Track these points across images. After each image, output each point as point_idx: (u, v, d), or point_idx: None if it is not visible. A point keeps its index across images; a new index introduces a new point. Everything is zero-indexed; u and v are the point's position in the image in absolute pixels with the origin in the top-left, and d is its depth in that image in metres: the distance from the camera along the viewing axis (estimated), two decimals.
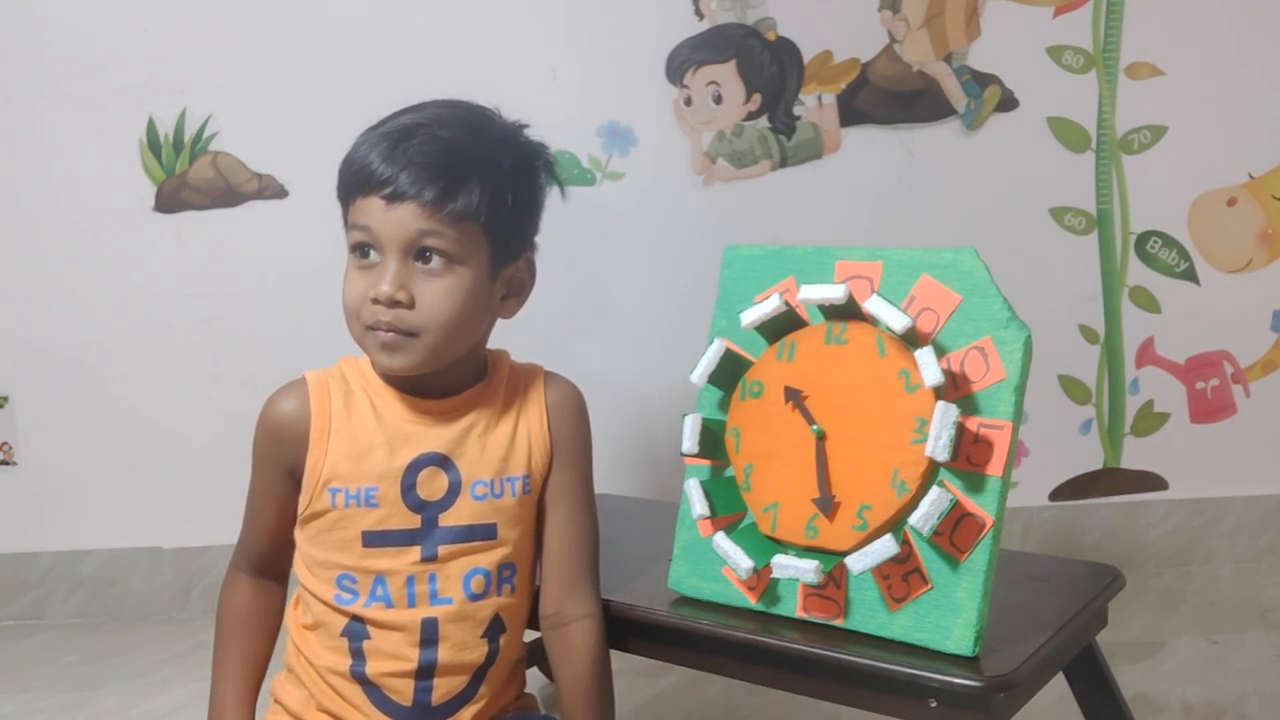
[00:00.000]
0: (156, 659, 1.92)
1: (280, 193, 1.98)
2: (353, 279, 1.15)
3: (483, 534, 1.17)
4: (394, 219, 1.11)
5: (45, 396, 2.05)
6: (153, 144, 1.97)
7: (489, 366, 1.23)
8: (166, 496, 2.06)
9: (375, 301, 1.11)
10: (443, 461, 1.16)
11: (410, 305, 1.11)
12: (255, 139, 1.98)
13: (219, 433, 2.02)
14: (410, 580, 1.15)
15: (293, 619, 1.22)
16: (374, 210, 1.11)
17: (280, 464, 1.18)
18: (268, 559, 1.23)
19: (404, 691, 1.15)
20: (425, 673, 1.15)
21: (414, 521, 1.15)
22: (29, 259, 2.01)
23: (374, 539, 1.15)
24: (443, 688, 1.16)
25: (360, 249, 1.14)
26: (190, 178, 1.98)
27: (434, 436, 1.17)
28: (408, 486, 1.15)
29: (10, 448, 2.06)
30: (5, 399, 2.05)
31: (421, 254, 1.12)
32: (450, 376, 1.18)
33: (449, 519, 1.16)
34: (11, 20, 1.94)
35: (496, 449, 1.18)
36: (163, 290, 2.01)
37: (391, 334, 1.12)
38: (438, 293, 1.12)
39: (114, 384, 2.04)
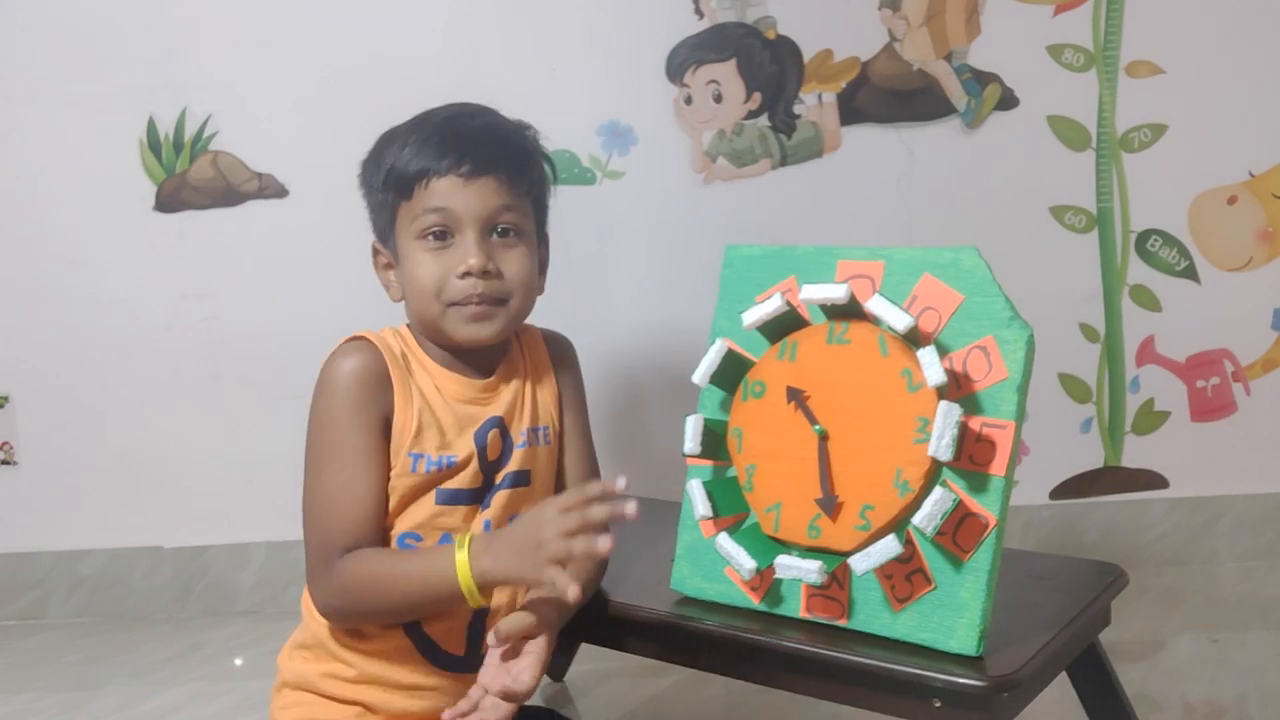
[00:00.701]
0: (156, 659, 1.91)
1: (280, 192, 1.98)
2: (426, 262, 1.18)
3: (523, 480, 1.23)
4: (474, 194, 1.17)
5: (45, 396, 2.04)
6: (153, 144, 1.97)
7: None
8: (166, 496, 2.06)
9: (466, 275, 1.16)
10: (500, 424, 1.22)
11: (500, 275, 1.18)
12: (255, 139, 1.97)
13: (219, 433, 2.02)
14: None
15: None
16: (450, 189, 1.17)
17: (379, 414, 1.17)
18: (371, 540, 1.16)
19: (458, 641, 1.19)
20: (477, 621, 1.20)
21: (480, 480, 1.20)
22: (29, 259, 2.00)
23: (447, 497, 1.19)
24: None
25: (435, 231, 1.18)
26: (190, 177, 1.98)
27: (495, 405, 1.22)
28: (481, 450, 1.20)
29: (10, 448, 2.05)
30: (5, 399, 2.05)
31: (495, 228, 1.18)
32: (496, 349, 1.24)
33: (502, 472, 1.22)
34: (11, 20, 1.94)
35: (530, 404, 1.25)
36: (163, 290, 2.01)
37: (483, 306, 1.17)
38: (517, 259, 1.20)
39: (113, 384, 2.03)
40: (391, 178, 1.19)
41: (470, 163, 1.16)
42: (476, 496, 1.20)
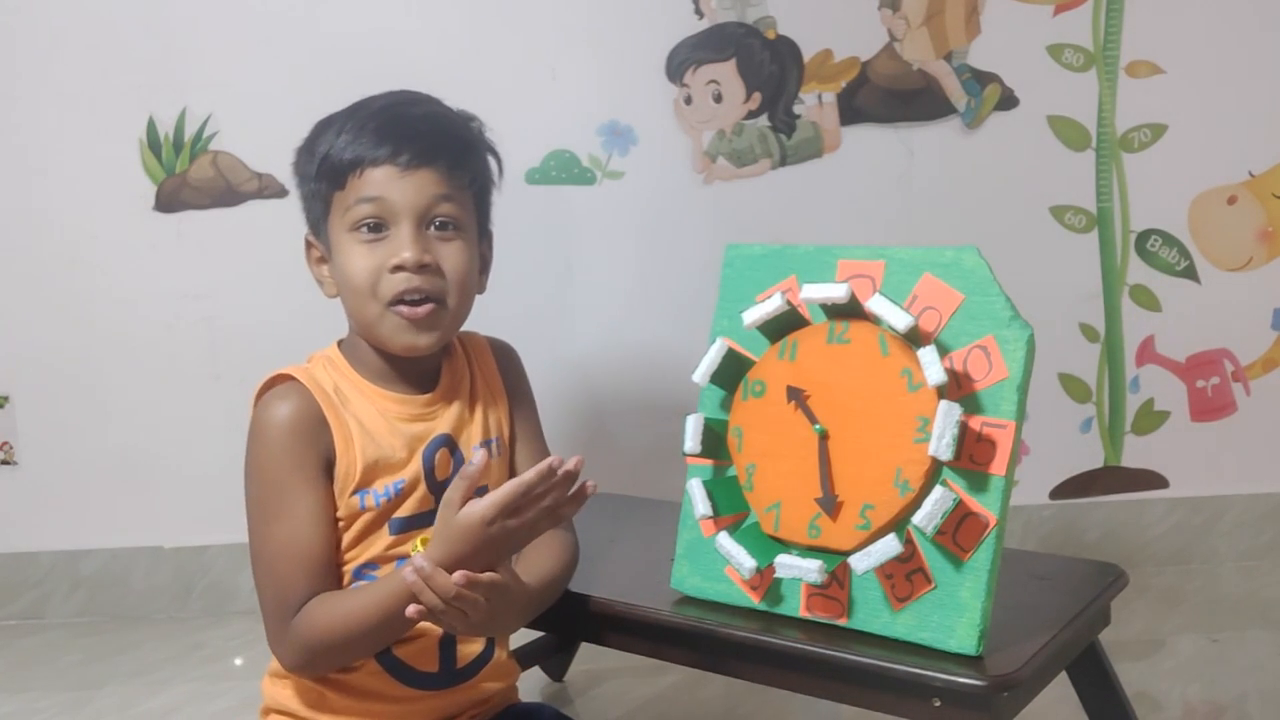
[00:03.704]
0: (156, 659, 1.91)
1: (280, 192, 1.98)
2: (359, 255, 1.13)
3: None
4: (410, 185, 1.12)
5: (45, 396, 2.04)
6: (153, 144, 1.97)
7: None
8: (166, 496, 2.06)
9: (398, 269, 1.11)
10: (449, 441, 1.19)
11: (438, 271, 1.13)
12: (255, 139, 1.97)
13: (219, 433, 2.02)
14: None
15: None
16: (386, 179, 1.12)
17: (318, 458, 1.13)
18: (323, 590, 1.12)
19: (430, 659, 1.16)
20: (448, 640, 1.17)
21: (430, 502, 1.17)
22: (29, 259, 2.00)
23: (401, 525, 1.16)
24: (463, 652, 1.18)
25: (369, 224, 1.13)
26: (190, 177, 1.98)
27: (441, 422, 1.19)
28: (428, 471, 1.17)
29: (10, 448, 2.05)
30: (5, 399, 2.04)
31: (433, 221, 1.14)
32: (433, 359, 1.20)
33: None
34: (12, 21, 1.94)
35: (479, 416, 1.22)
36: (163, 290, 2.01)
37: (424, 307, 1.12)
38: (455, 253, 1.15)
39: (114, 384, 2.03)
40: (325, 166, 1.15)
41: (408, 152, 1.11)
42: (429, 519, 1.14)
